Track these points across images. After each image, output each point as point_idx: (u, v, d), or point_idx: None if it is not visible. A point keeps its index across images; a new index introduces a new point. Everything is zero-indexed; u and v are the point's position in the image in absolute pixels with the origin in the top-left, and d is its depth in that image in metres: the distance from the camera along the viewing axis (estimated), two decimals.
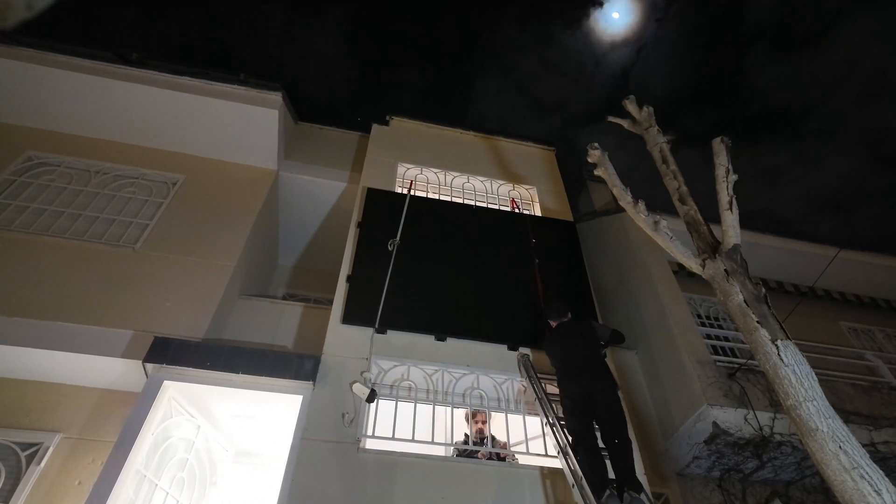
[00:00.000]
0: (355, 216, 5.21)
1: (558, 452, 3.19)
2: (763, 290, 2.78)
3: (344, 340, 4.02)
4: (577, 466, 2.96)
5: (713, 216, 3.27)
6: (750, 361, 4.33)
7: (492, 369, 4.11)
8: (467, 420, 4.10)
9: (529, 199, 6.27)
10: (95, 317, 3.99)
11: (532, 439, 3.74)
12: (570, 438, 3.18)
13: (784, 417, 4.09)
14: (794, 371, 2.40)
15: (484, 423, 3.98)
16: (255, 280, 5.69)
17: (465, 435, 4.02)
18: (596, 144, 4.12)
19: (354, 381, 3.63)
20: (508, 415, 3.91)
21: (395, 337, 4.14)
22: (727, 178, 3.26)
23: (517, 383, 4.10)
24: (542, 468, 3.49)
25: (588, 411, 3.25)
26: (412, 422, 3.65)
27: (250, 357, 3.76)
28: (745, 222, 3.17)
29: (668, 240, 3.29)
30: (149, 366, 3.62)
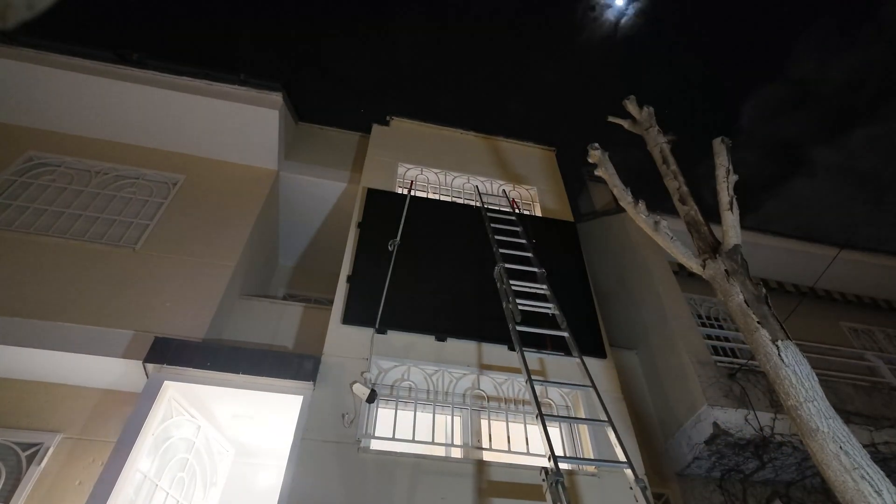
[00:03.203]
0: (355, 216, 5.21)
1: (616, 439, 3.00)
2: (763, 290, 2.78)
3: (344, 341, 4.02)
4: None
5: (713, 216, 3.27)
6: (750, 362, 4.33)
7: (492, 369, 4.10)
8: None
9: (530, 200, 6.27)
10: (96, 317, 3.98)
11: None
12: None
13: (785, 418, 4.09)
14: (794, 371, 2.40)
15: None
16: (255, 280, 5.69)
17: None
18: (596, 145, 4.12)
19: (354, 382, 3.63)
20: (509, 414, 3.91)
21: (395, 337, 4.14)
22: (727, 178, 3.26)
23: (518, 383, 4.10)
24: (544, 468, 3.48)
25: None
26: (412, 422, 3.65)
27: (250, 357, 3.76)
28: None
29: (669, 240, 3.29)
30: (149, 366, 3.62)
